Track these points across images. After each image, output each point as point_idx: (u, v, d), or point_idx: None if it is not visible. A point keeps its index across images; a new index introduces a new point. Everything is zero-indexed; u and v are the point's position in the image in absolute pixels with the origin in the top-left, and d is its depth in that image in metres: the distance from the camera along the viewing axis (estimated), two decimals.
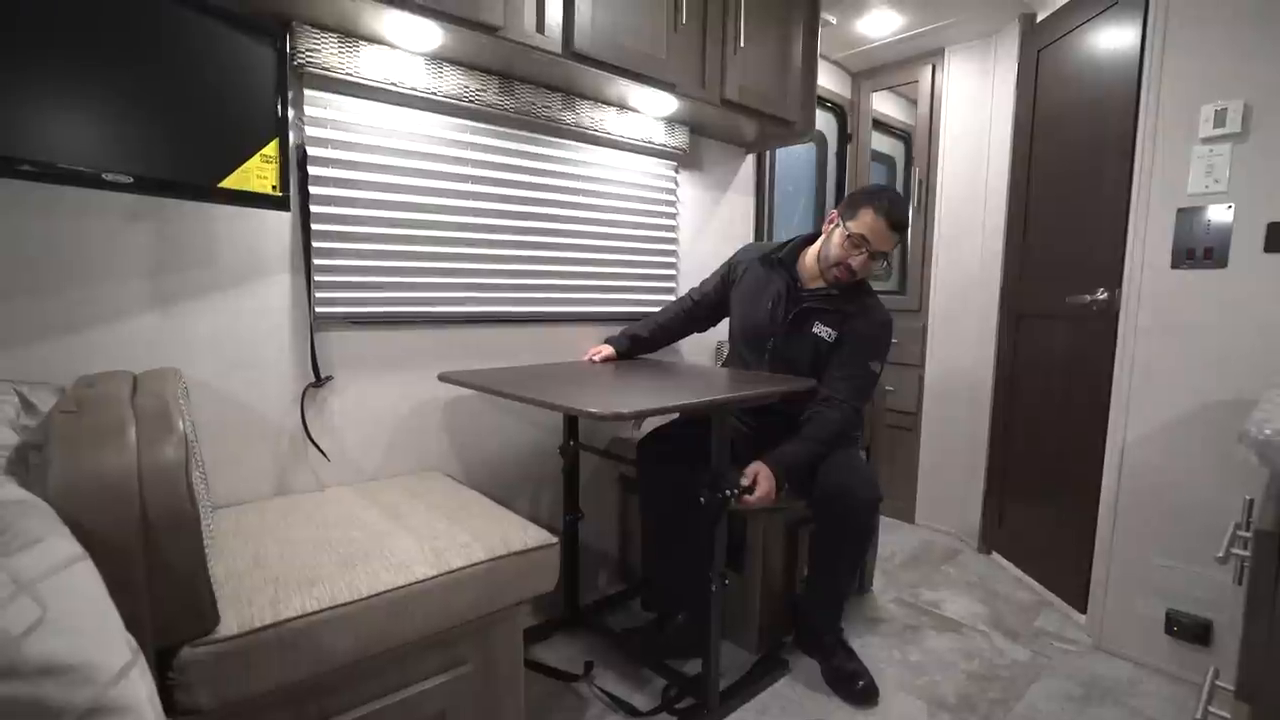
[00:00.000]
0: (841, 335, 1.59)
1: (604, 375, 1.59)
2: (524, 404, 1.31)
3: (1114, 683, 1.62)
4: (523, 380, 1.41)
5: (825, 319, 1.61)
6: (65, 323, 1.14)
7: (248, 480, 1.37)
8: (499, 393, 1.31)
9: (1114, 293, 1.76)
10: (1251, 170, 1.48)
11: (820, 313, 1.61)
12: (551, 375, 1.54)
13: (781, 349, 1.65)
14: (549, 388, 1.34)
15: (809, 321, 1.62)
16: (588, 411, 1.11)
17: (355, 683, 0.99)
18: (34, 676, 0.45)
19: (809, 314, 1.62)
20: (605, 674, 1.60)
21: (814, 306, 1.61)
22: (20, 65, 0.92)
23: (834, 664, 1.58)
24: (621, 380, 1.54)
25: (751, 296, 1.72)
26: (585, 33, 1.47)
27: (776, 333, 1.65)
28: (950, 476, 2.59)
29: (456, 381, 1.44)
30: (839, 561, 1.57)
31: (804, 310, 1.62)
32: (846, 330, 1.59)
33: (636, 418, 1.30)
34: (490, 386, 1.34)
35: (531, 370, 1.62)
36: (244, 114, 1.16)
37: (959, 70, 2.52)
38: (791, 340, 1.64)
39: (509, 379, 1.41)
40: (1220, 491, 1.52)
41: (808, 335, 1.62)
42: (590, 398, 1.23)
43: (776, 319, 1.65)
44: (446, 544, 1.11)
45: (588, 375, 1.57)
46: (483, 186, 1.64)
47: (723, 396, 1.32)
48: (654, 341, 1.87)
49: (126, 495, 0.73)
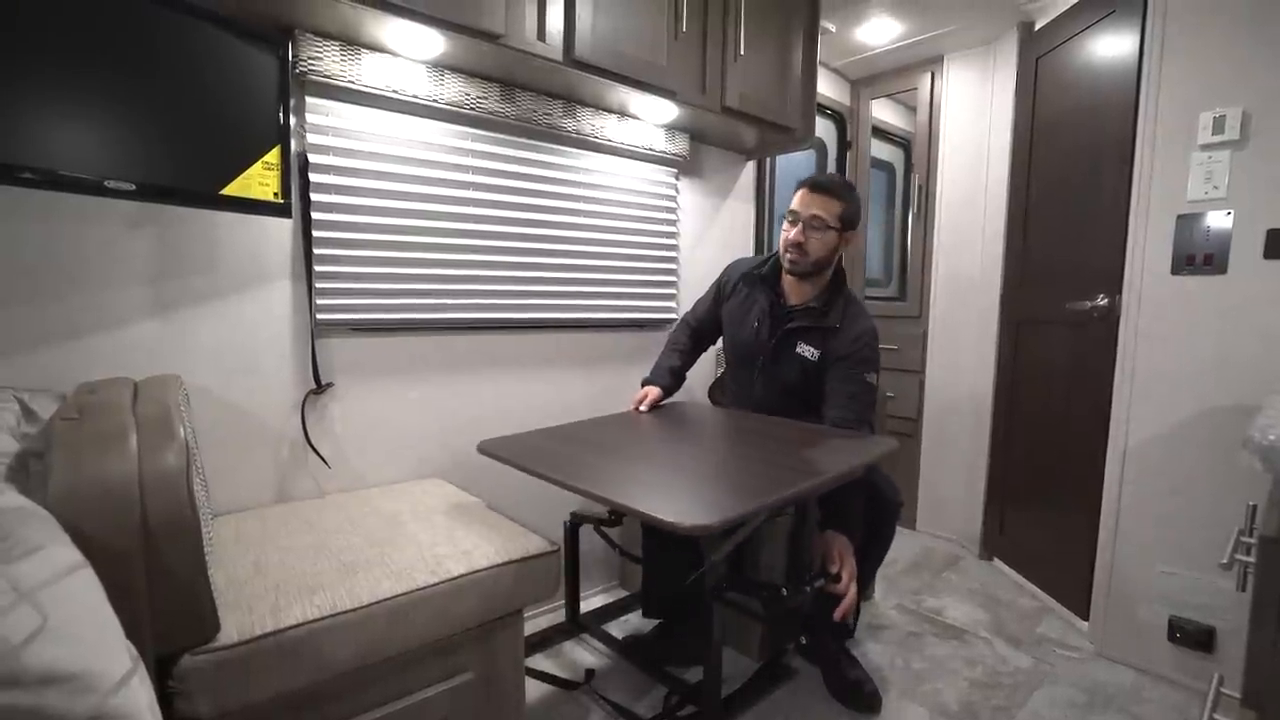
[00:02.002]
0: (825, 354, 1.56)
1: (659, 441, 1.46)
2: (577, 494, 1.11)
3: (1117, 690, 1.62)
4: (569, 452, 1.26)
5: (808, 338, 1.59)
6: (66, 329, 1.14)
7: (248, 487, 1.37)
8: (550, 479, 1.12)
9: (1114, 299, 1.76)
10: (1250, 176, 1.48)
11: (803, 332, 1.60)
12: (599, 442, 1.38)
13: (770, 369, 1.65)
14: (605, 467, 1.19)
15: (793, 342, 1.61)
16: (667, 523, 0.91)
17: (356, 691, 0.98)
18: (34, 685, 0.44)
19: (794, 334, 1.61)
20: (607, 682, 1.59)
21: (797, 327, 1.60)
22: (21, 73, 0.92)
23: (837, 671, 1.57)
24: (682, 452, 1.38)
25: (739, 316, 1.72)
26: (586, 40, 1.48)
27: (764, 353, 1.65)
28: (951, 483, 2.59)
29: (497, 457, 1.26)
30: (862, 568, 1.57)
31: (788, 332, 1.61)
32: (829, 349, 1.56)
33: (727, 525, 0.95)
34: (538, 470, 1.15)
35: (574, 431, 1.47)
36: (246, 121, 1.16)
37: (958, 78, 2.53)
38: (779, 360, 1.63)
39: (552, 451, 1.27)
40: (1222, 497, 1.52)
41: (794, 356, 1.61)
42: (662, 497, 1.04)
43: (762, 338, 1.65)
44: (447, 551, 1.11)
45: (641, 441, 1.45)
46: (483, 193, 1.64)
47: (817, 480, 1.11)
48: (686, 367, 1.83)
49: (127, 502, 0.72)
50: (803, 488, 1.08)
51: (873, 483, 1.50)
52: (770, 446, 1.36)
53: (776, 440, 1.40)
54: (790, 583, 1.22)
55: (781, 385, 1.64)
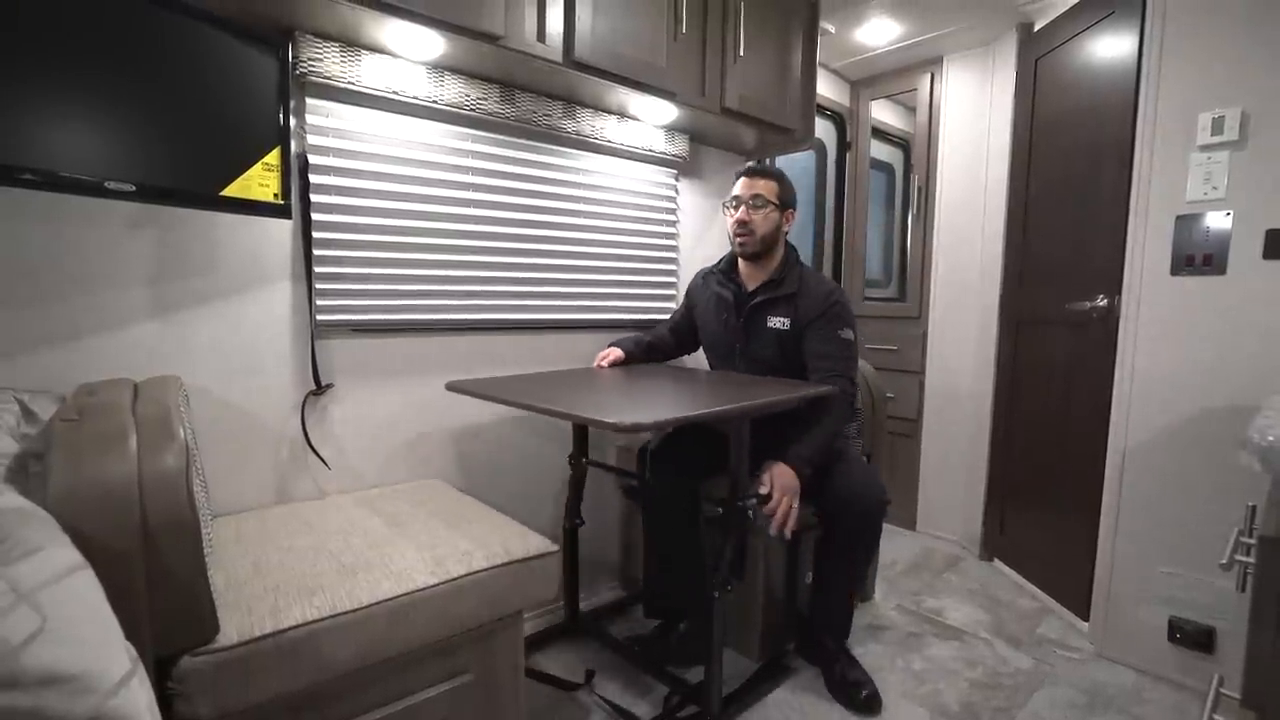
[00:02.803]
0: (796, 319, 1.63)
1: (615, 382, 1.58)
2: (526, 411, 1.30)
3: (1117, 690, 1.62)
4: (532, 388, 1.39)
5: (774, 309, 1.67)
6: (66, 330, 1.14)
7: (248, 488, 1.37)
8: (509, 402, 1.28)
9: (1114, 299, 1.76)
10: (1249, 177, 1.49)
11: (769, 304, 1.67)
12: (561, 382, 1.52)
13: (747, 351, 1.71)
14: (561, 396, 1.32)
15: (762, 318, 1.68)
16: (605, 422, 1.05)
17: (356, 692, 0.98)
18: (34, 687, 0.44)
19: (760, 310, 1.68)
20: (606, 682, 1.59)
21: (762, 301, 1.68)
22: (23, 74, 0.92)
23: (837, 672, 1.57)
24: (634, 387, 1.53)
25: (710, 315, 1.79)
26: (585, 41, 1.48)
27: (739, 339, 1.71)
28: (951, 483, 2.59)
29: (465, 391, 1.39)
30: (850, 567, 1.58)
31: (754, 307, 1.68)
32: (799, 315, 1.63)
33: (657, 428, 1.21)
34: (500, 396, 1.30)
35: (540, 377, 1.60)
36: (246, 122, 1.17)
37: (957, 78, 2.53)
38: (753, 340, 1.69)
39: (517, 387, 1.39)
40: (1221, 498, 1.52)
41: (766, 331, 1.67)
42: (606, 407, 1.19)
43: (732, 324, 1.72)
44: (447, 552, 1.10)
45: (598, 382, 1.56)
46: (483, 194, 1.64)
47: (744, 404, 1.27)
48: (659, 350, 1.90)
49: (127, 503, 0.72)
50: (729, 408, 1.23)
51: (849, 486, 1.51)
52: (715, 383, 1.56)
53: (724, 382, 1.60)
54: (725, 502, 1.32)
55: (762, 367, 1.68)
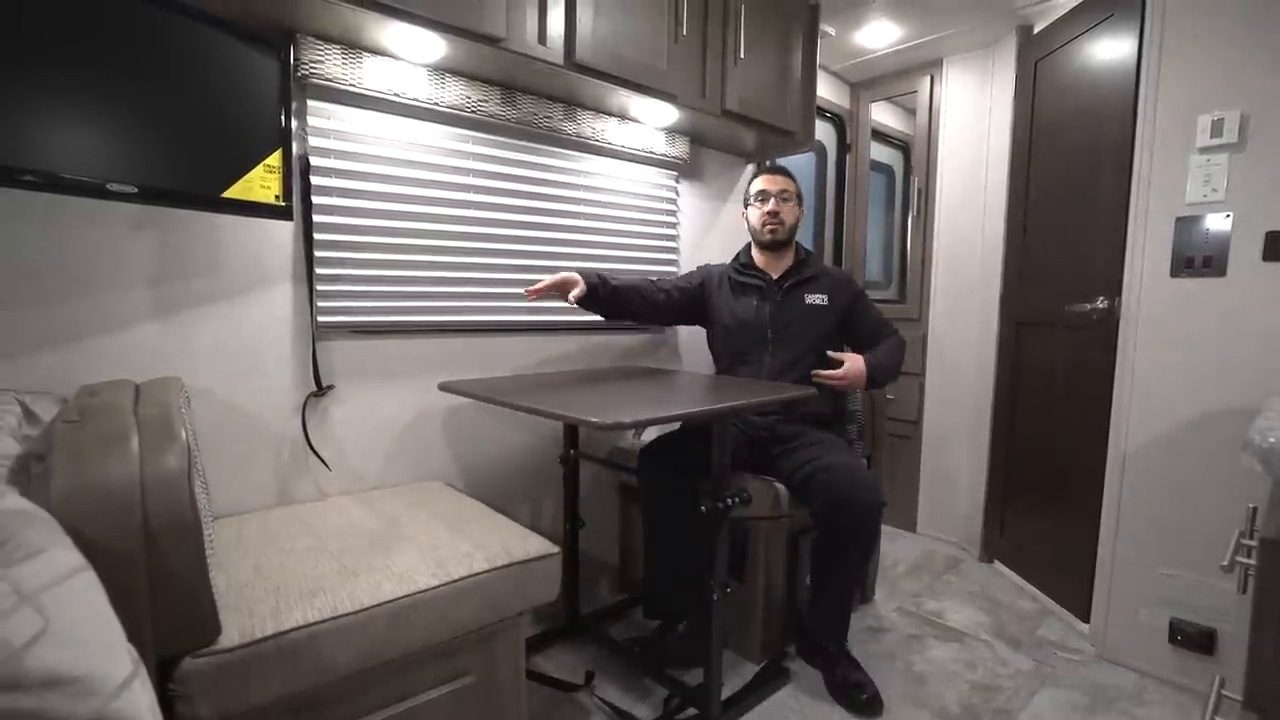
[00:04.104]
0: (832, 299, 1.78)
1: (605, 383, 1.59)
2: (525, 413, 1.31)
3: (1118, 692, 1.62)
4: (523, 389, 1.41)
5: (810, 288, 1.79)
6: (68, 332, 1.14)
7: (249, 489, 1.37)
8: (499, 402, 1.30)
9: (1114, 301, 1.76)
10: (1249, 179, 1.49)
11: (803, 284, 1.79)
12: (552, 384, 1.53)
13: (784, 333, 1.76)
14: (549, 397, 1.34)
15: (799, 295, 1.79)
16: (589, 421, 1.08)
17: (357, 694, 0.98)
18: (36, 689, 0.44)
19: (795, 289, 1.79)
20: (606, 684, 1.59)
21: (795, 282, 1.79)
22: (24, 76, 0.92)
23: (837, 674, 1.57)
24: (623, 388, 1.54)
25: (733, 303, 1.83)
26: (586, 44, 1.48)
27: (773, 322, 1.77)
28: (952, 485, 2.59)
29: (457, 391, 1.43)
30: (846, 569, 1.57)
31: (790, 288, 1.79)
32: (835, 293, 1.79)
33: (638, 427, 1.29)
34: (490, 396, 1.33)
35: (533, 379, 1.61)
36: (248, 124, 1.17)
37: (957, 81, 2.53)
38: (792, 320, 1.77)
39: (509, 388, 1.41)
40: (1222, 499, 1.52)
41: (806, 309, 1.78)
42: (591, 407, 1.22)
43: (765, 310, 1.78)
44: (448, 553, 1.10)
45: (588, 384, 1.57)
46: (484, 196, 1.65)
47: (723, 405, 1.32)
48: (638, 299, 1.72)
49: (129, 504, 0.72)
50: (707, 409, 1.31)
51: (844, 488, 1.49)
52: (701, 388, 1.58)
53: (708, 385, 1.63)
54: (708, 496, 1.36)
55: (802, 345, 1.74)
